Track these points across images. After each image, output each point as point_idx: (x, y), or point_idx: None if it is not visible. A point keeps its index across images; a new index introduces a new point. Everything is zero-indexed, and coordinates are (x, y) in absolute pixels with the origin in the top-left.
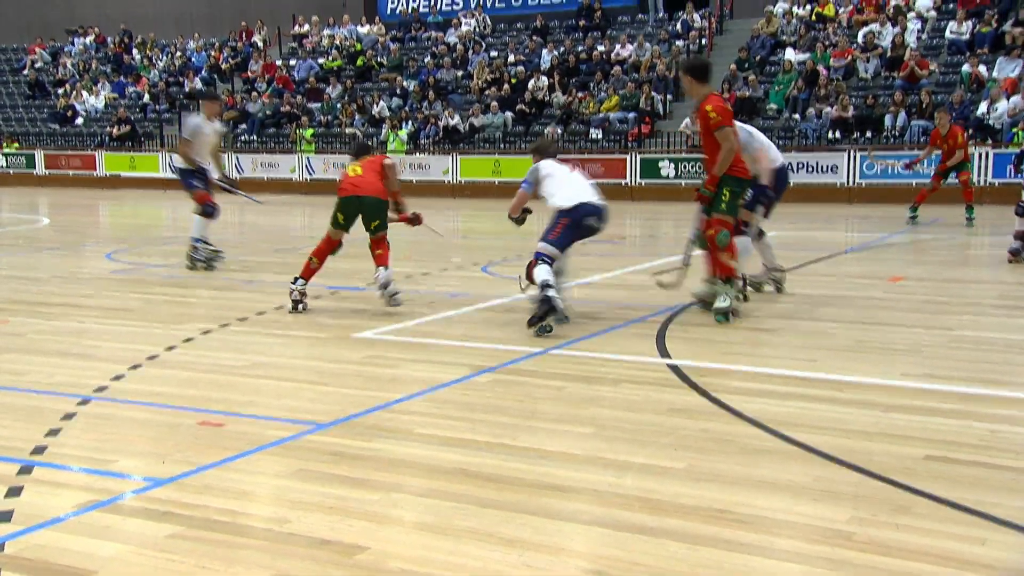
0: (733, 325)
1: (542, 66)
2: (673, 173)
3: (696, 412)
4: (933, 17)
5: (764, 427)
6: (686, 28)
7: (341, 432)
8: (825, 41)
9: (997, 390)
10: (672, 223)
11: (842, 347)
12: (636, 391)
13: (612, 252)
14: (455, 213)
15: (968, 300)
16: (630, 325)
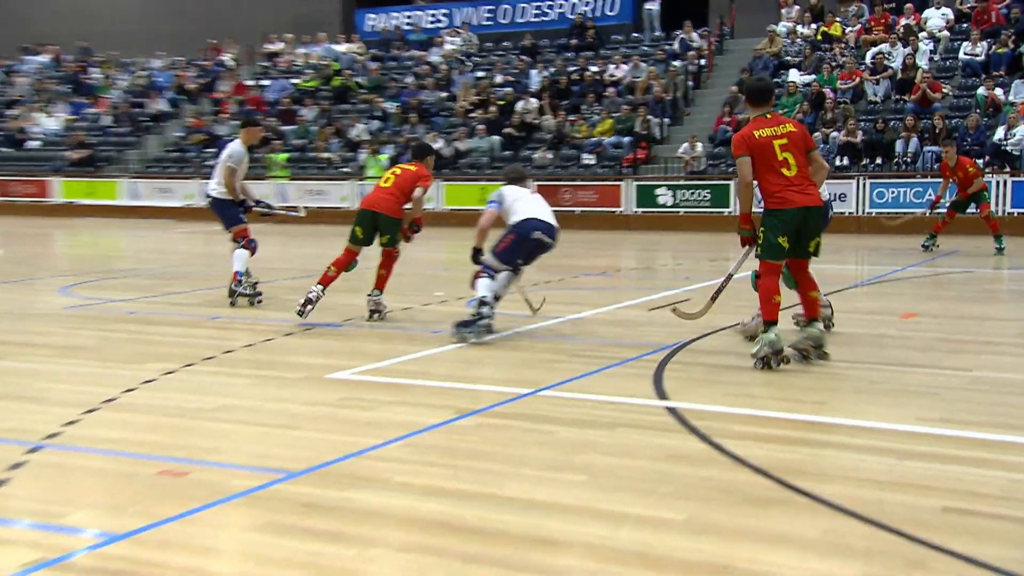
0: (738, 365)
1: (531, 87)
2: (671, 201)
3: (697, 459)
4: (946, 37)
5: (769, 475)
6: (684, 47)
7: (314, 481)
8: (832, 62)
9: (1019, 436)
10: (670, 255)
11: (853, 389)
12: (632, 436)
13: (606, 286)
14: (439, 243)
15: (986, 338)
16: (625, 364)
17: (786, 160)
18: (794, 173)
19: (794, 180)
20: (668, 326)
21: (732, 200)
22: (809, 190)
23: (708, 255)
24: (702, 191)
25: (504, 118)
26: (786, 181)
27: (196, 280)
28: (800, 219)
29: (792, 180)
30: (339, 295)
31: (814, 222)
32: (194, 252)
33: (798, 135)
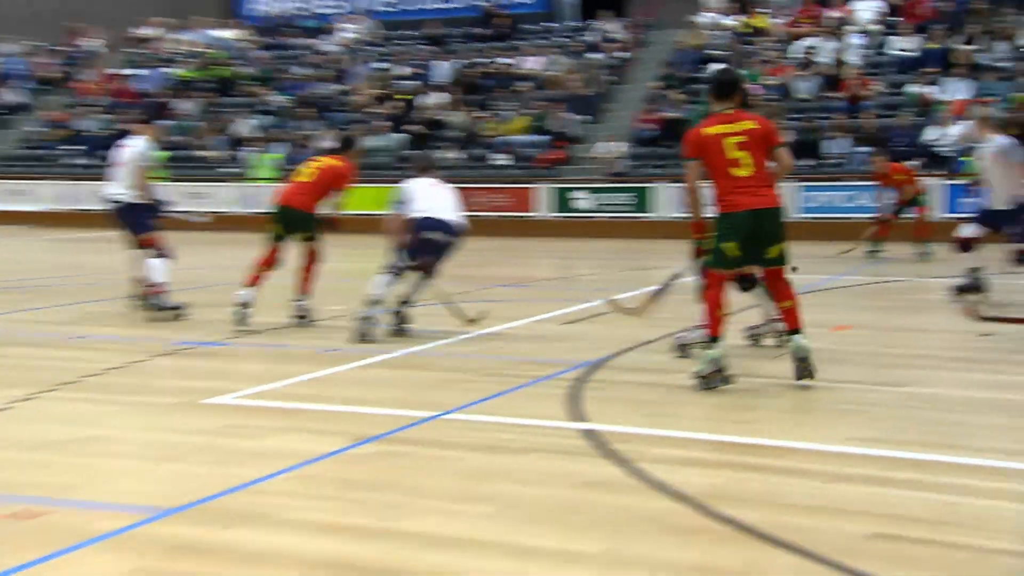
0: (660, 383)
1: (437, 80)
2: (590, 206)
3: (615, 485)
4: (877, 31)
5: (692, 502)
6: (603, 39)
7: (189, 520)
8: (758, 56)
9: (954, 456)
10: (590, 264)
11: (781, 408)
12: (545, 462)
13: (518, 298)
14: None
15: (920, 352)
16: (539, 383)
17: (738, 159)
18: (747, 173)
19: (744, 181)
20: (586, 341)
21: (657, 204)
22: (762, 192)
23: (631, 264)
24: (624, 194)
25: (408, 114)
26: (735, 183)
27: (59, 295)
28: (751, 224)
29: (742, 181)
30: (221, 310)
31: (770, 226)
32: (58, 263)
33: (760, 132)
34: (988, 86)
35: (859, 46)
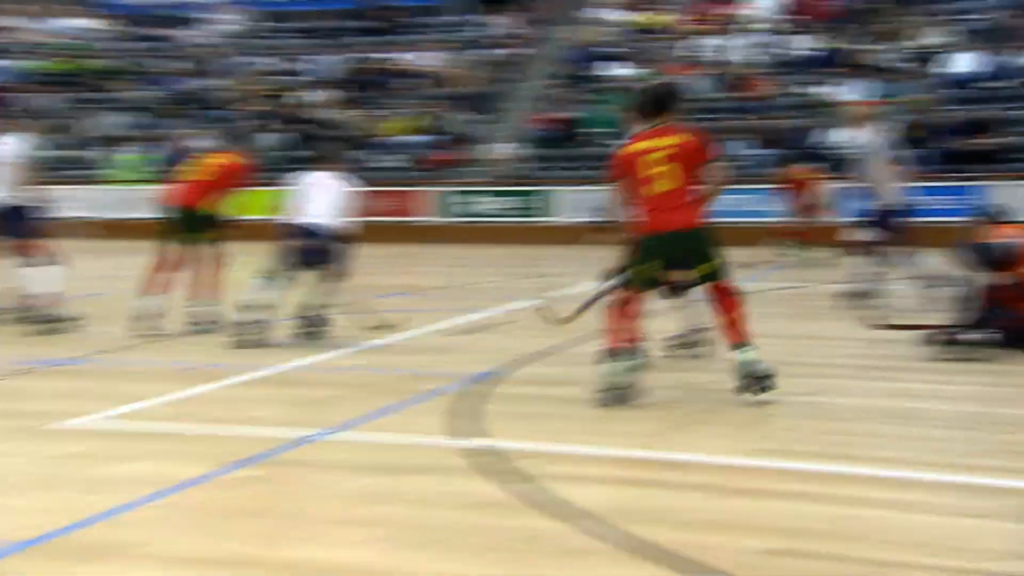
0: (558, 396)
1: (320, 76)
2: (486, 210)
3: (511, 505)
4: (776, 30)
5: (590, 521)
6: (497, 35)
7: (39, 556)
8: (656, 55)
9: (851, 467)
10: (485, 271)
11: (684, 420)
12: (436, 482)
13: (408, 307)
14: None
15: (820, 360)
16: (431, 398)
17: (658, 176)
18: (666, 189)
19: (663, 200)
20: (481, 352)
21: (553, 207)
22: (680, 212)
23: (527, 270)
24: (519, 198)
25: (291, 112)
26: (653, 202)
27: None
28: (667, 245)
29: (660, 200)
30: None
31: (692, 246)
32: None
33: (689, 146)
34: (885, 87)
35: (755, 45)
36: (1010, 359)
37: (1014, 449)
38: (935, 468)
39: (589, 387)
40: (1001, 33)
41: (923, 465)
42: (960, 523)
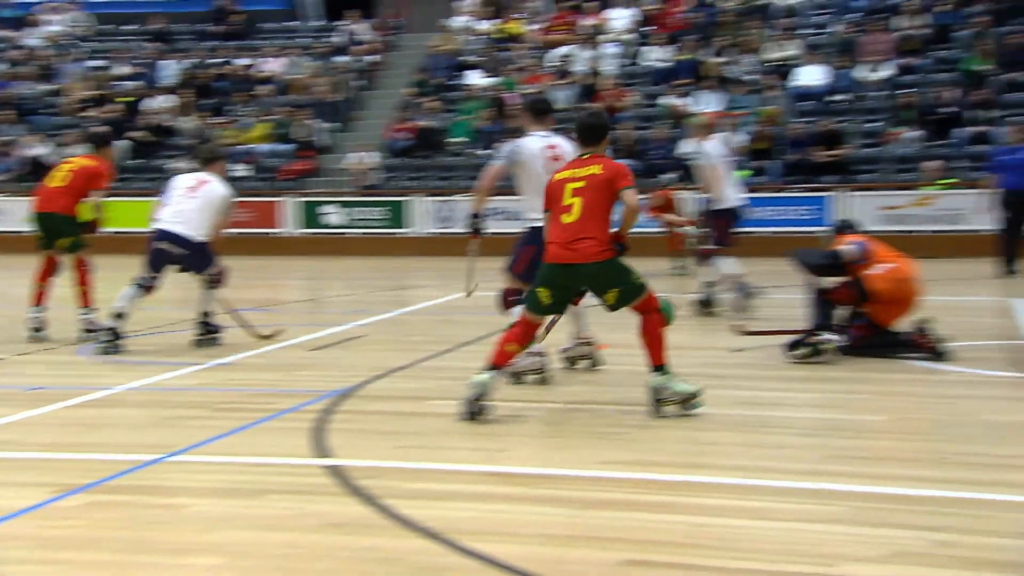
0: (413, 412)
1: (164, 81)
2: (341, 221)
3: (360, 526)
4: (631, 41)
5: (442, 539)
6: (351, 41)
7: None
8: (514, 64)
9: (704, 476)
10: (341, 283)
11: (538, 433)
12: (284, 503)
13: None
14: None
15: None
16: (280, 417)
17: (570, 206)
18: (573, 219)
19: (564, 231)
20: (335, 368)
21: (412, 219)
22: (579, 245)
23: (385, 283)
24: (376, 209)
25: (129, 118)
26: (558, 230)
27: None
28: (561, 277)
29: (563, 231)
30: None
31: (590, 279)
32: None
33: (601, 177)
34: (737, 99)
35: (614, 56)
36: (855, 365)
37: (857, 454)
38: (786, 475)
39: (444, 402)
40: (844, 47)
41: (775, 472)
42: (810, 528)
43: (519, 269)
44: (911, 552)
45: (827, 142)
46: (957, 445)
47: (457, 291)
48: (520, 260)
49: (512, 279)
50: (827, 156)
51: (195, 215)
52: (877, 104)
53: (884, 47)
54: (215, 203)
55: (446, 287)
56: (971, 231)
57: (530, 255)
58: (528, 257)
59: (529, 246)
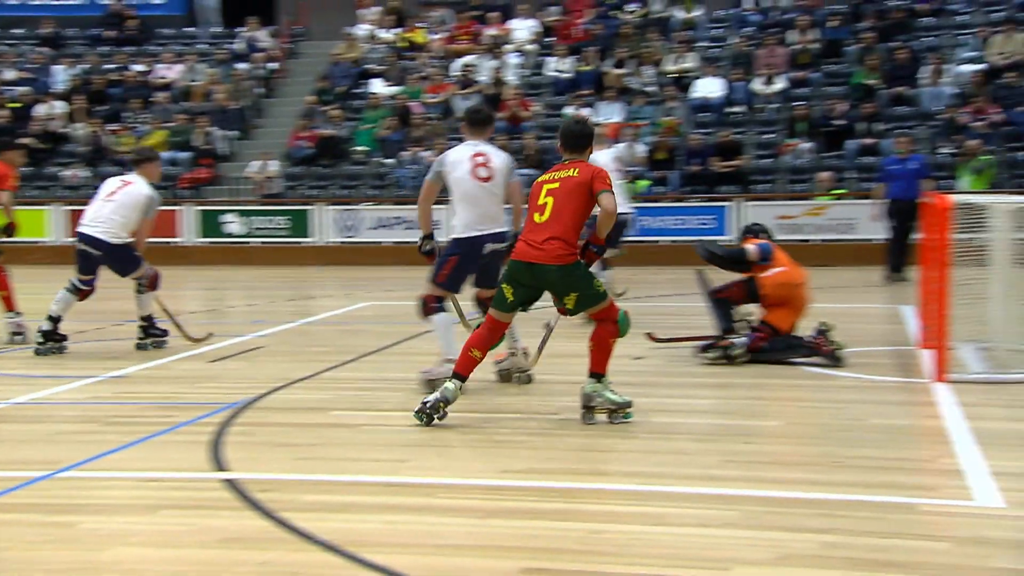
0: (313, 423)
1: (56, 87)
2: (241, 230)
3: (258, 540)
4: (533, 51)
5: (339, 551)
6: (251, 48)
7: None
8: (418, 73)
9: (602, 483)
10: (242, 293)
11: (438, 442)
12: (178, 518)
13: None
14: None
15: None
16: (177, 430)
17: (544, 206)
18: (543, 219)
19: (533, 230)
20: (234, 380)
21: (315, 228)
22: (546, 245)
23: (287, 293)
24: (278, 218)
25: (20, 125)
26: (528, 229)
27: None
28: (524, 275)
29: (532, 230)
30: None
31: (550, 280)
32: None
33: (577, 180)
34: (637, 110)
35: (517, 66)
36: (752, 371)
37: (751, 459)
38: (682, 480)
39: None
40: (741, 60)
41: (671, 478)
42: (704, 532)
43: (441, 278)
44: (800, 554)
45: (725, 153)
46: (846, 449)
47: (361, 300)
48: (443, 269)
49: (434, 287)
50: (725, 167)
51: (112, 217)
52: (772, 116)
53: (778, 60)
54: (135, 204)
55: (349, 297)
56: (862, 240)
57: (453, 265)
58: (451, 266)
59: (453, 256)
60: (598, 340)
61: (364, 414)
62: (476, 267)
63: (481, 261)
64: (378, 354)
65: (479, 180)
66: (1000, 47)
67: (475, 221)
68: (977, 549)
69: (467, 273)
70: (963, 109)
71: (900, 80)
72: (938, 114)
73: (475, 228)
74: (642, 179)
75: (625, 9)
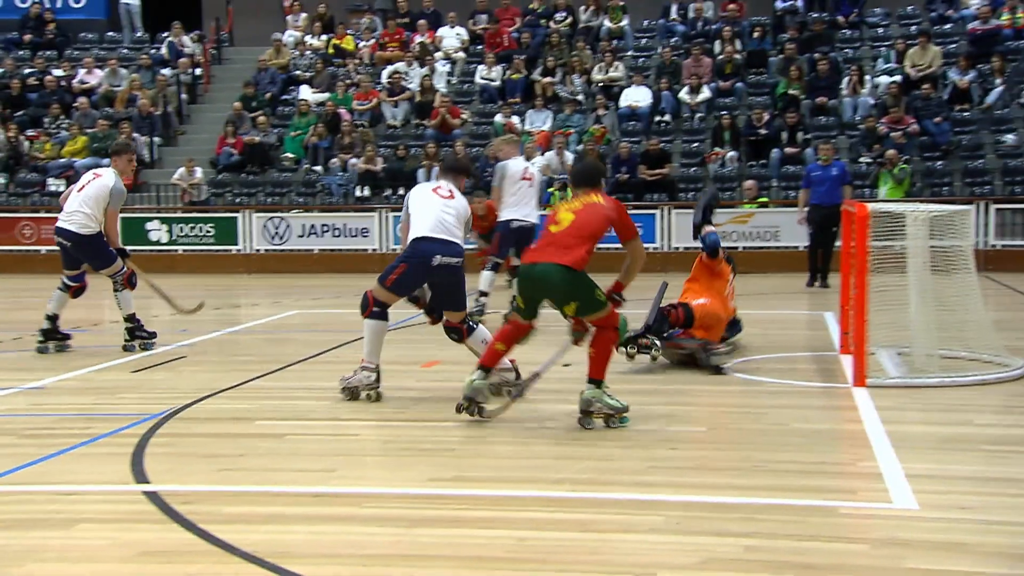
0: (237, 433)
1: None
2: (165, 238)
3: (179, 553)
4: (462, 59)
5: (263, 563)
6: (175, 53)
7: None
8: (346, 79)
9: (528, 490)
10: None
11: (365, 451)
12: (96, 532)
13: (77, 344)
14: None
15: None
16: (96, 442)
17: (561, 220)
18: (558, 229)
19: (544, 237)
20: (157, 390)
21: (241, 236)
22: (549, 248)
23: (213, 302)
24: (204, 225)
25: None
26: (540, 238)
27: None
28: (528, 279)
29: (543, 237)
30: None
31: (553, 282)
32: None
33: (601, 208)
34: (566, 118)
35: (447, 73)
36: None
37: (676, 464)
38: (608, 486)
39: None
40: (667, 70)
41: (598, 484)
42: (629, 538)
43: (388, 282)
44: (723, 558)
45: (653, 161)
46: (769, 453)
47: (289, 308)
48: (392, 273)
49: (380, 290)
50: (653, 175)
51: (80, 210)
52: (698, 125)
53: (704, 71)
54: (98, 196)
55: (276, 305)
56: (786, 247)
57: (401, 271)
58: (399, 272)
59: (403, 263)
60: (600, 347)
61: (290, 424)
62: (424, 277)
63: (431, 275)
64: (305, 363)
65: (442, 198)
66: (915, 60)
67: (428, 229)
68: (892, 550)
69: (415, 281)
70: (882, 119)
71: (822, 91)
72: (858, 124)
73: (426, 234)
74: (571, 187)
75: (553, 19)
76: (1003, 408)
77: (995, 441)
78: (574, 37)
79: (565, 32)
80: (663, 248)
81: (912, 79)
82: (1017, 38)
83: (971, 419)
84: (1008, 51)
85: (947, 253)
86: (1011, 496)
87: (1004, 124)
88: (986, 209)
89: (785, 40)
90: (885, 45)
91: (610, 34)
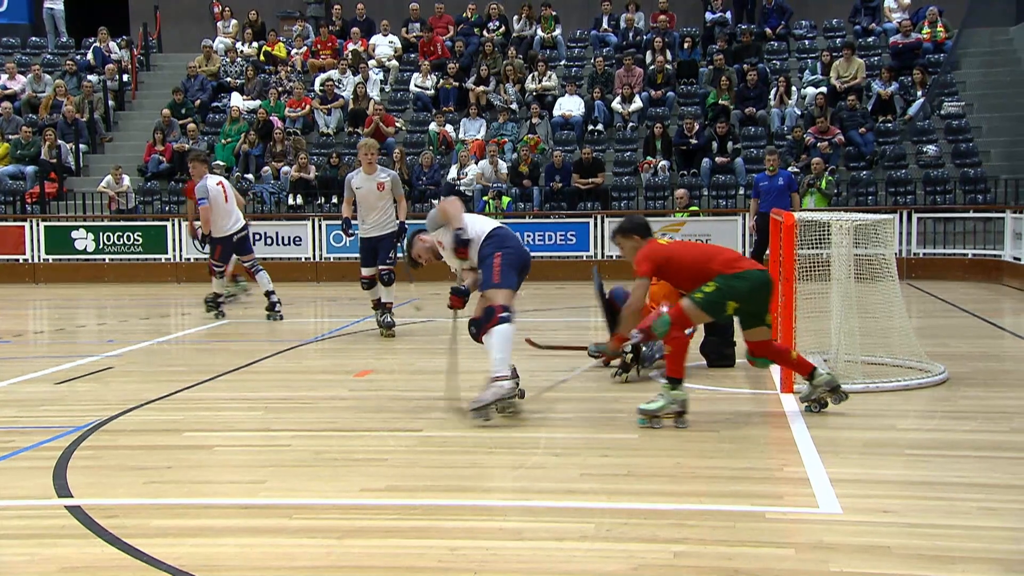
0: (165, 445)
1: None
2: (92, 247)
3: (101, 568)
4: (396, 67)
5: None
6: (101, 59)
7: None
8: (278, 87)
9: (462, 499)
10: (91, 312)
11: (296, 462)
12: (16, 548)
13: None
14: None
15: (438, 393)
16: (18, 455)
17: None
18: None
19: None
20: (82, 402)
21: (169, 244)
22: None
23: (141, 311)
24: (132, 234)
25: None
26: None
27: None
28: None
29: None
30: None
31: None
32: None
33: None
34: (500, 127)
35: (380, 81)
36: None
37: (609, 472)
38: (542, 495)
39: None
40: (600, 79)
41: (531, 493)
42: (561, 546)
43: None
44: (653, 564)
45: (586, 170)
46: (699, 460)
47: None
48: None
49: (504, 294)
50: (586, 183)
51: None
52: (630, 134)
53: (635, 80)
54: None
55: (206, 315)
56: None
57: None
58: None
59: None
60: (667, 346)
61: (219, 435)
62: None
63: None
64: (236, 373)
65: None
66: (840, 71)
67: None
68: (817, 554)
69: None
70: (808, 130)
71: (751, 101)
72: (786, 135)
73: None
74: (505, 195)
75: (487, 28)
76: (925, 413)
77: (917, 445)
78: (507, 46)
79: (498, 41)
80: (596, 256)
81: (838, 90)
82: (937, 51)
83: (894, 424)
84: (928, 64)
85: (871, 261)
86: (932, 499)
87: (925, 135)
88: (909, 218)
89: (715, 51)
90: (811, 57)
91: (543, 44)
